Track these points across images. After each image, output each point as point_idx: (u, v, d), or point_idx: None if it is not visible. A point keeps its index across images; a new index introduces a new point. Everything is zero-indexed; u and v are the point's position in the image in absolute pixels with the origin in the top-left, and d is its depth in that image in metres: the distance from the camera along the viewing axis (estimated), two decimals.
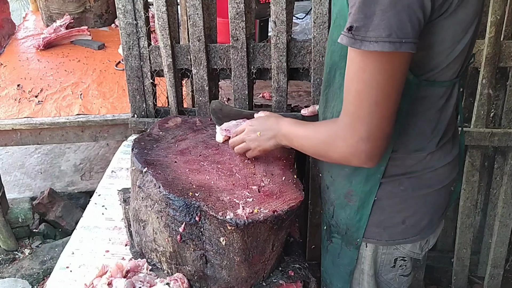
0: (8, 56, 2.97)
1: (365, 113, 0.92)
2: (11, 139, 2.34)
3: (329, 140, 1.02)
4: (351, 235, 1.20)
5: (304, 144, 1.12)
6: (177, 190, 1.16)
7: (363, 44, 0.85)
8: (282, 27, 1.73)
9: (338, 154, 1.01)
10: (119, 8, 1.78)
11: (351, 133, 0.95)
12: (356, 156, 0.97)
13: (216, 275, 1.19)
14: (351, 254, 1.23)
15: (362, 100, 0.91)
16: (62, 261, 1.33)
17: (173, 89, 1.89)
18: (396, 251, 1.20)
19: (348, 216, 1.19)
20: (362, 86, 0.90)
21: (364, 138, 0.94)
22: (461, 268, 2.22)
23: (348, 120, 0.95)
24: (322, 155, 1.09)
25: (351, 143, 0.96)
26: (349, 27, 0.86)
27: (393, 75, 0.88)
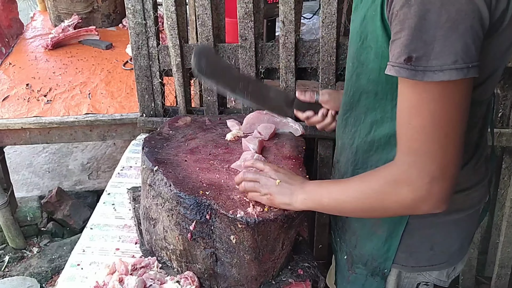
0: (16, 56, 2.99)
1: (435, 148, 0.81)
2: (20, 138, 2.36)
3: (385, 189, 0.89)
4: (378, 266, 1.12)
5: (342, 199, 0.98)
6: (187, 188, 1.17)
7: (426, 75, 0.76)
8: (290, 27, 1.74)
9: (402, 202, 0.87)
10: (128, 8, 1.79)
11: (419, 174, 0.83)
12: (427, 201, 0.85)
13: (226, 273, 1.19)
14: (378, 284, 1.14)
15: (429, 135, 0.81)
16: (73, 259, 1.35)
17: (182, 88, 1.90)
18: (419, 276, 1.13)
19: (375, 246, 1.11)
20: (428, 119, 0.80)
21: (437, 178, 0.83)
22: (468, 268, 2.22)
23: (413, 159, 0.83)
24: (373, 208, 0.94)
25: (420, 185, 0.84)
26: (407, 58, 0.77)
27: (460, 103, 0.80)
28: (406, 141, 0.85)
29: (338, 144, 1.18)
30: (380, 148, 1.03)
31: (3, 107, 2.41)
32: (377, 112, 1.00)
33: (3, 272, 2.53)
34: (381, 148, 1.03)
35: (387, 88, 0.95)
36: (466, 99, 0.80)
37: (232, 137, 1.43)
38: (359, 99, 1.03)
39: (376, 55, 0.92)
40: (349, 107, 1.08)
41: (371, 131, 1.03)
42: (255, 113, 1.50)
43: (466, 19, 0.74)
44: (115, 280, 1.13)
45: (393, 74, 0.81)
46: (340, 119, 1.15)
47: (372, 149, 1.04)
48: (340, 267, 1.26)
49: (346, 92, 1.09)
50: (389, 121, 0.98)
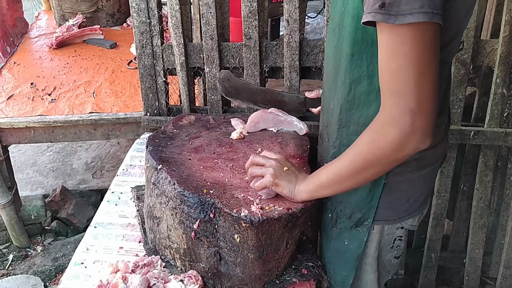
0: (21, 55, 3.01)
1: (412, 85, 0.89)
2: (24, 137, 2.37)
3: (373, 137, 0.98)
4: (362, 216, 1.21)
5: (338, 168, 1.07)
6: (191, 187, 1.17)
7: (397, 18, 0.85)
8: (295, 25, 1.74)
9: (391, 143, 0.94)
10: (133, 6, 1.79)
11: (401, 111, 0.91)
12: (412, 136, 0.92)
13: (230, 272, 1.19)
14: (361, 236, 1.23)
15: (407, 74, 0.89)
16: (76, 257, 1.34)
17: (186, 87, 1.90)
18: (397, 231, 1.25)
19: (359, 198, 1.19)
20: (404, 60, 0.88)
21: (416, 112, 0.90)
22: (473, 269, 2.21)
23: (394, 100, 0.91)
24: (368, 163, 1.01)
25: (403, 122, 0.91)
26: (380, 4, 0.86)
27: (430, 45, 0.88)
28: (387, 84, 0.93)
29: (329, 107, 1.23)
30: (360, 105, 1.11)
31: (8, 106, 2.42)
32: (354, 72, 1.09)
33: (7, 270, 2.53)
34: (361, 105, 1.11)
35: (362, 48, 1.05)
36: (435, 41, 0.89)
37: (237, 135, 1.42)
38: (340, 62, 1.12)
39: (353, 17, 1.02)
40: (337, 70, 1.15)
41: (351, 90, 1.12)
42: (259, 112, 1.49)
43: None
44: (119, 278, 1.13)
45: (369, 19, 0.89)
46: (329, 83, 1.22)
47: (353, 107, 1.13)
48: (325, 228, 1.33)
49: (335, 57, 1.16)
50: (365, 79, 1.08)
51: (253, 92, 1.58)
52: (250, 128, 1.47)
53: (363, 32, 1.01)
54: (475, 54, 1.78)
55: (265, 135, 1.45)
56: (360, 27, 1.00)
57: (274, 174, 1.14)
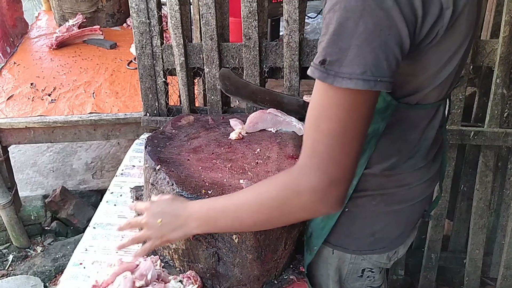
0: (21, 55, 3.01)
1: (338, 153, 0.81)
2: (24, 137, 2.37)
3: (285, 194, 0.87)
4: (312, 241, 1.18)
5: (240, 216, 0.95)
6: (190, 187, 1.16)
7: (335, 80, 0.77)
8: (294, 26, 1.73)
9: (303, 205, 0.86)
10: (132, 7, 1.79)
11: (321, 177, 0.82)
12: (324, 203, 0.85)
13: (228, 272, 1.19)
14: (307, 258, 1.22)
15: (336, 140, 0.81)
16: (75, 258, 1.34)
17: (185, 87, 1.90)
18: (363, 262, 1.17)
19: (314, 221, 1.17)
20: (336, 124, 0.80)
21: (336, 181, 0.83)
22: (474, 269, 2.20)
23: (316, 162, 0.83)
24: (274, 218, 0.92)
25: (320, 188, 0.83)
26: (321, 60, 0.78)
27: (366, 113, 0.81)
28: (311, 144, 0.84)
29: None
30: None
31: (8, 106, 2.42)
32: None
33: (7, 271, 2.53)
34: None
35: None
36: (372, 110, 0.82)
37: (236, 136, 1.42)
38: None
39: None
40: None
41: None
42: (258, 112, 1.49)
43: (381, 34, 0.75)
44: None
45: (309, 74, 0.81)
46: None
47: None
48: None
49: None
50: None
51: (252, 91, 1.59)
52: (249, 128, 1.46)
53: None
54: (475, 54, 1.78)
55: (264, 136, 1.45)
56: None
57: (159, 235, 1.06)
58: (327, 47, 0.78)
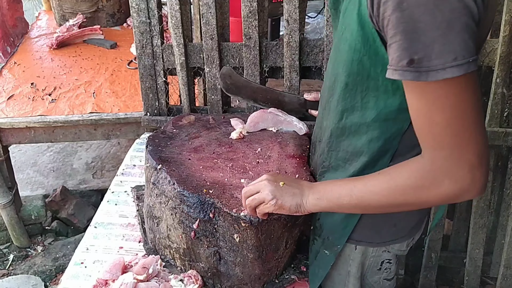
0: (21, 55, 3.01)
1: (466, 138, 0.83)
2: (25, 137, 2.37)
3: (423, 183, 0.90)
4: (333, 242, 1.17)
5: (368, 196, 0.97)
6: (191, 187, 1.17)
7: (429, 75, 0.78)
8: (295, 25, 1.74)
9: (444, 194, 0.88)
10: (133, 7, 1.79)
11: (458, 165, 0.85)
12: (471, 189, 0.86)
13: (229, 272, 1.19)
14: (328, 259, 1.20)
15: (457, 127, 0.82)
16: (76, 257, 1.35)
17: (186, 87, 1.90)
18: (384, 254, 1.19)
19: (334, 222, 1.15)
20: (451, 113, 0.82)
21: (476, 165, 0.84)
22: (474, 269, 2.21)
23: (447, 153, 0.85)
24: (407, 203, 0.94)
25: (461, 176, 0.85)
26: (408, 60, 0.79)
27: (472, 93, 0.82)
28: (434, 138, 0.86)
29: (322, 124, 1.19)
30: (350, 135, 1.07)
31: (8, 106, 2.42)
32: (347, 102, 1.04)
33: (8, 270, 2.53)
34: (351, 135, 1.07)
35: (357, 80, 0.98)
36: (476, 88, 0.83)
37: (237, 135, 1.42)
38: (335, 86, 1.07)
39: (350, 47, 0.95)
40: (331, 91, 1.10)
41: (342, 118, 1.07)
42: (259, 112, 1.49)
43: (460, 16, 0.77)
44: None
45: (397, 78, 0.82)
46: (324, 100, 1.17)
47: (344, 135, 1.08)
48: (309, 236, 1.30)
49: (329, 78, 1.11)
50: (358, 111, 1.02)
51: (253, 90, 1.58)
52: (249, 128, 1.47)
53: (359, 65, 0.95)
54: None
55: (264, 135, 1.45)
56: (356, 59, 0.94)
57: (273, 195, 1.04)
58: (409, 47, 0.78)
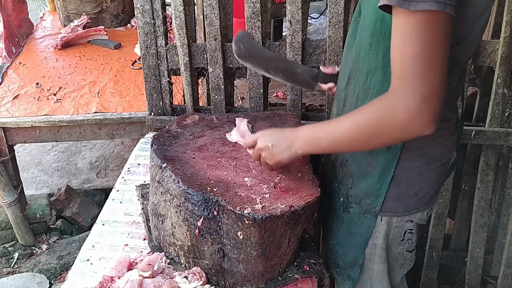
0: (26, 55, 3.03)
1: (425, 71, 0.92)
2: (30, 136, 2.40)
3: (381, 114, 0.99)
4: (370, 203, 1.26)
5: (340, 136, 1.08)
6: (195, 185, 1.19)
7: (411, 4, 0.88)
8: (297, 26, 1.76)
9: (397, 123, 0.97)
10: (137, 7, 1.81)
11: (412, 95, 0.93)
12: (419, 120, 0.94)
13: (233, 269, 1.21)
14: (369, 222, 1.28)
15: (421, 59, 0.92)
16: (82, 254, 1.37)
17: (190, 87, 1.92)
18: (407, 224, 1.29)
19: (369, 185, 1.24)
20: (419, 46, 0.91)
21: (427, 98, 0.93)
22: (475, 268, 2.22)
23: (406, 82, 0.94)
24: (370, 137, 1.04)
25: (413, 105, 0.93)
26: None
27: (444, 34, 0.92)
28: (399, 67, 0.95)
29: (341, 96, 1.28)
30: (374, 95, 1.13)
31: (14, 106, 2.45)
32: (371, 62, 1.13)
33: (13, 268, 2.56)
34: (375, 94, 1.13)
35: (379, 38, 1.08)
36: (448, 32, 0.92)
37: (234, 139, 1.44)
38: (360, 51, 1.16)
39: (374, 8, 1.04)
40: (355, 59, 1.19)
41: (367, 79, 1.15)
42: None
43: None
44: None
45: (385, 3, 0.92)
46: (344, 73, 1.25)
47: (368, 96, 1.16)
48: (336, 211, 1.37)
49: (352, 47, 1.20)
50: (380, 69, 1.11)
51: (266, 58, 1.50)
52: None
53: (382, 23, 1.05)
54: (476, 55, 1.80)
55: None
56: (379, 18, 1.04)
57: (270, 157, 1.21)
58: None
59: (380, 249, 1.31)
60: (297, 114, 1.88)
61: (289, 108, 1.91)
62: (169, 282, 1.17)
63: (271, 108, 2.09)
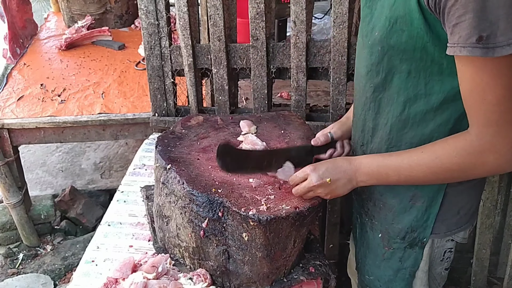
0: (31, 56, 3.04)
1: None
2: (34, 137, 2.40)
3: (469, 160, 0.99)
4: (417, 237, 1.21)
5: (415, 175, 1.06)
6: (200, 186, 1.18)
7: (495, 51, 0.85)
8: (302, 26, 1.75)
9: (488, 168, 0.98)
10: (141, 9, 1.81)
11: (504, 141, 0.94)
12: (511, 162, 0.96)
13: (238, 270, 1.21)
14: (416, 255, 1.23)
15: (507, 106, 0.90)
16: (87, 255, 1.37)
17: (194, 88, 1.92)
18: (447, 243, 1.24)
19: (414, 218, 1.19)
20: (503, 92, 0.89)
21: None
22: (480, 269, 2.21)
23: (495, 129, 0.93)
24: (454, 177, 1.04)
25: (505, 151, 0.94)
26: (478, 37, 0.85)
27: None
28: (483, 115, 0.94)
29: (365, 125, 1.22)
30: (415, 124, 1.10)
31: (18, 107, 2.45)
32: (409, 91, 1.07)
33: (18, 269, 2.57)
34: (415, 124, 1.09)
35: (420, 66, 1.02)
36: None
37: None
38: (392, 79, 1.09)
39: (411, 37, 0.99)
40: (382, 88, 1.12)
41: (404, 109, 1.09)
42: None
43: None
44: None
45: (466, 54, 0.88)
46: (365, 101, 1.18)
47: (407, 127, 1.11)
48: (373, 247, 1.31)
49: (377, 75, 1.11)
50: (423, 98, 1.06)
51: (257, 159, 1.32)
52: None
53: (423, 52, 1.00)
54: None
55: (272, 135, 1.47)
56: (419, 47, 0.99)
57: (326, 193, 1.16)
58: (478, 25, 0.85)
59: (421, 272, 1.26)
60: (302, 115, 1.87)
61: (293, 109, 1.90)
62: (173, 283, 1.17)
63: (275, 108, 2.08)
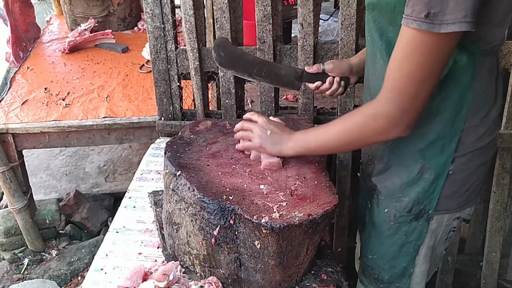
0: (34, 60, 3.03)
1: (414, 90, 1.00)
2: (39, 142, 2.38)
3: (365, 120, 1.09)
4: (423, 208, 1.25)
5: (327, 138, 1.18)
6: (211, 193, 1.16)
7: (441, 28, 0.91)
8: (309, 29, 1.73)
9: (378, 129, 1.08)
10: (147, 12, 1.80)
11: (396, 108, 1.03)
12: (396, 128, 1.06)
13: (250, 278, 1.19)
14: (421, 227, 1.27)
15: (413, 79, 0.99)
16: (96, 263, 1.35)
17: (200, 91, 1.90)
18: (454, 222, 1.29)
19: (421, 190, 1.24)
20: (415, 67, 0.97)
21: (408, 111, 1.03)
22: (490, 272, 2.19)
23: (393, 95, 1.03)
24: (354, 140, 1.14)
25: (394, 116, 1.04)
26: (426, 13, 0.91)
27: (448, 53, 0.98)
28: (392, 81, 1.03)
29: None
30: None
31: (23, 111, 2.44)
32: None
33: (23, 274, 2.55)
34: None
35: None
36: (453, 50, 0.99)
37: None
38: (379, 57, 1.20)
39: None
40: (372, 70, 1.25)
41: None
42: None
43: None
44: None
45: (415, 27, 0.94)
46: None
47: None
48: (378, 223, 1.35)
49: (371, 58, 1.25)
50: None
51: (248, 63, 1.46)
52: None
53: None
54: None
55: None
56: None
57: (260, 139, 1.26)
58: (429, 2, 0.91)
59: (426, 248, 1.30)
60: (309, 118, 1.85)
61: (300, 112, 1.88)
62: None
63: (281, 111, 2.07)
